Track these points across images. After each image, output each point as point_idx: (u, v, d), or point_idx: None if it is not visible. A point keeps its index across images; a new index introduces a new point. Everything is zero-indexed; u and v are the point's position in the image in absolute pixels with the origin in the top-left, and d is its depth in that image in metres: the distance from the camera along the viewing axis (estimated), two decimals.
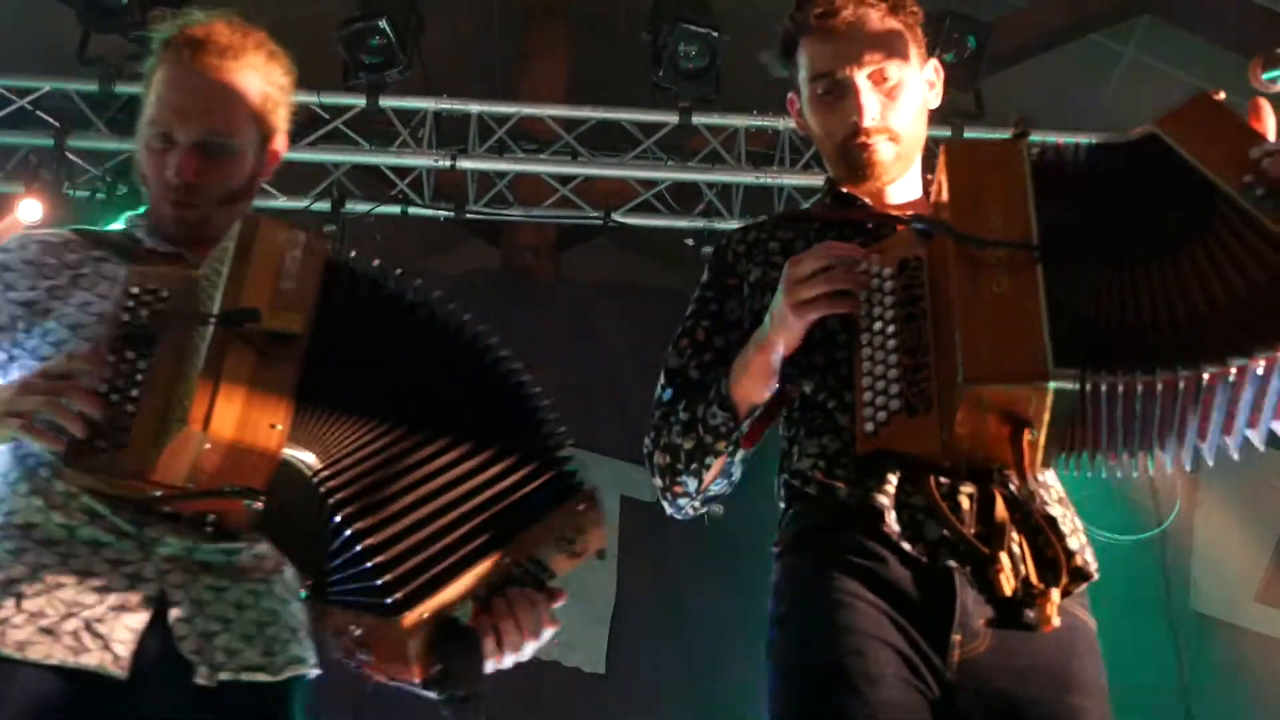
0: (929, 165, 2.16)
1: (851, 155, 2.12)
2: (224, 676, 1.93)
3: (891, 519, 1.84)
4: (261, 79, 2.12)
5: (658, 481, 2.13)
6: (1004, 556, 1.80)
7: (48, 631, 1.84)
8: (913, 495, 1.86)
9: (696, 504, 2.13)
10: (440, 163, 5.27)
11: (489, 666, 1.81)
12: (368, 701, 1.97)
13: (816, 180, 5.07)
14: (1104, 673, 1.91)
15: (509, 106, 5.36)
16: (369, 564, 1.73)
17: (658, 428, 2.11)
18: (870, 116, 2.09)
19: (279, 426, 1.77)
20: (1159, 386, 1.65)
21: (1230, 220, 1.73)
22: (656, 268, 5.76)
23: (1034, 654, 1.84)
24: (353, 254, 1.98)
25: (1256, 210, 1.70)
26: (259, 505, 1.81)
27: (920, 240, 1.90)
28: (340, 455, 1.81)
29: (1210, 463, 1.74)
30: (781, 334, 1.92)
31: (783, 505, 2.03)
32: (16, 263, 2.06)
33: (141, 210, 2.18)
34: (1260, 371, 1.63)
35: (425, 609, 1.75)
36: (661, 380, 2.16)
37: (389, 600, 1.73)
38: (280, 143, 2.21)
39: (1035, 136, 5.85)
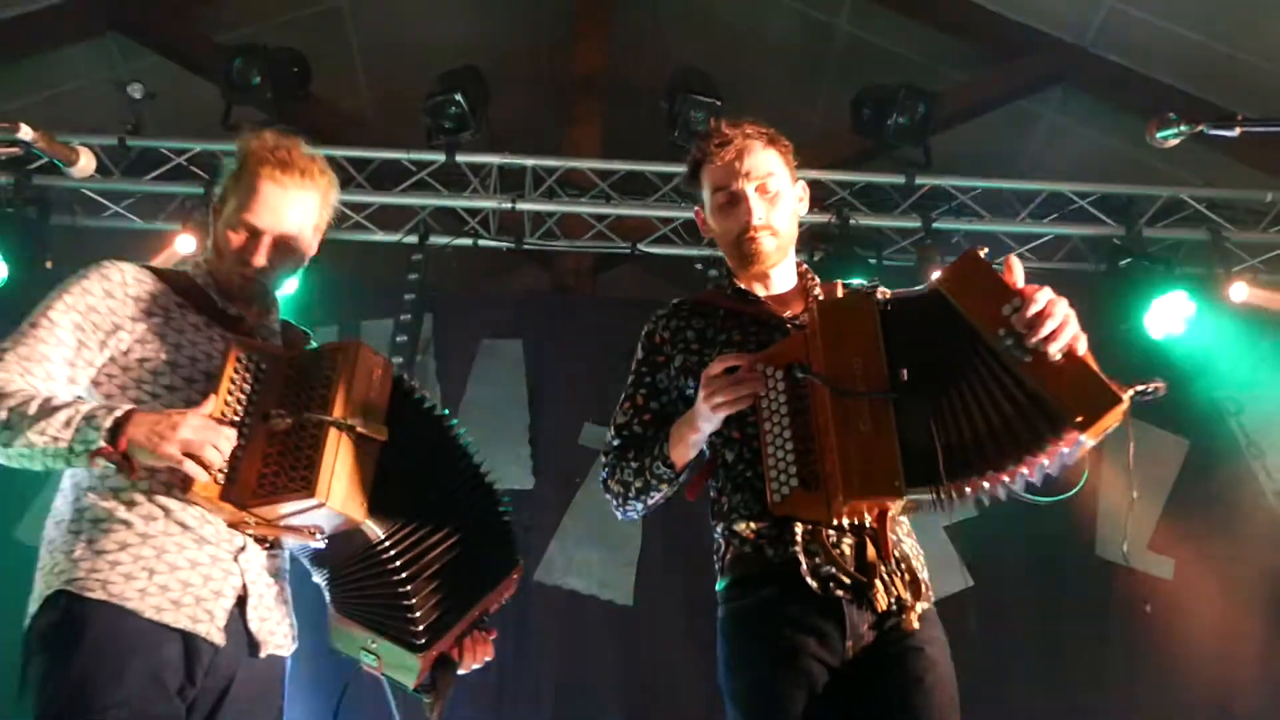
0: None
1: (744, 248, 2.27)
2: (269, 650, 2.11)
3: (804, 564, 2.05)
4: (321, 198, 2.26)
5: (613, 501, 2.34)
6: (878, 583, 2.05)
7: (175, 603, 1.97)
8: (811, 544, 2.07)
9: (641, 514, 2.35)
10: (503, 205, 5.30)
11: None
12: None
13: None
14: (948, 651, 2.12)
15: (557, 161, 5.39)
16: (411, 615, 2.05)
17: (611, 466, 2.31)
18: (758, 217, 2.25)
19: (365, 504, 2.01)
20: (967, 489, 1.92)
21: (990, 364, 1.92)
22: (674, 287, 5.75)
23: (898, 641, 2.06)
24: (405, 375, 2.23)
25: (1006, 356, 1.90)
26: (321, 544, 2.05)
27: (802, 376, 2.06)
28: (394, 530, 2.06)
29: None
30: (703, 422, 2.12)
31: (720, 546, 2.20)
32: (121, 294, 2.12)
33: (203, 260, 2.27)
34: (1006, 479, 1.91)
35: (437, 648, 2.10)
36: (611, 432, 2.34)
37: (419, 642, 2.06)
38: (319, 238, 2.34)
39: (974, 182, 5.79)
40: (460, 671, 2.16)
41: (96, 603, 1.92)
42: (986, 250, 2.01)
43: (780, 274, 2.33)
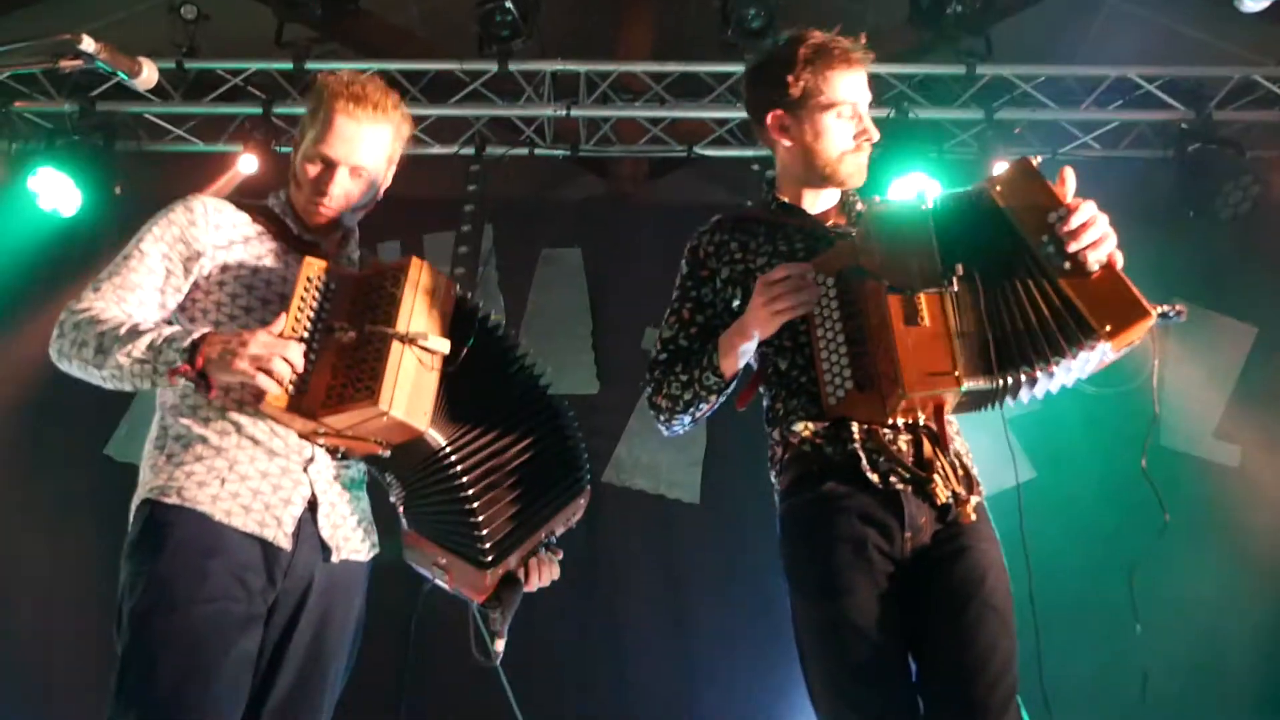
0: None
1: (848, 163, 2.27)
2: (343, 555, 2.20)
3: (864, 459, 2.09)
4: (393, 130, 2.30)
5: (659, 417, 2.35)
6: (936, 477, 2.09)
7: (245, 508, 2.08)
8: (868, 442, 2.11)
9: (688, 427, 2.37)
10: (558, 112, 5.23)
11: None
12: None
13: None
14: (1000, 546, 2.16)
15: (610, 65, 5.28)
16: (478, 531, 2.07)
17: (658, 380, 2.31)
18: (876, 134, 2.28)
19: (427, 413, 2.04)
20: (1017, 378, 1.99)
21: (1032, 267, 2.00)
22: (730, 190, 5.69)
23: (955, 538, 2.10)
24: (468, 294, 2.24)
25: (1047, 263, 1.98)
26: (386, 453, 2.09)
27: (856, 278, 2.09)
28: (456, 439, 2.09)
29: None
30: (758, 328, 2.13)
31: (775, 450, 2.23)
32: (204, 223, 2.22)
33: (283, 192, 2.34)
34: (1039, 376, 1.98)
35: (504, 565, 2.14)
36: (657, 347, 2.35)
37: (486, 559, 2.09)
38: (393, 169, 2.38)
39: (1037, 69, 5.63)
40: (526, 590, 2.21)
41: (175, 508, 2.05)
42: (1040, 160, 2.08)
43: (828, 191, 2.36)
